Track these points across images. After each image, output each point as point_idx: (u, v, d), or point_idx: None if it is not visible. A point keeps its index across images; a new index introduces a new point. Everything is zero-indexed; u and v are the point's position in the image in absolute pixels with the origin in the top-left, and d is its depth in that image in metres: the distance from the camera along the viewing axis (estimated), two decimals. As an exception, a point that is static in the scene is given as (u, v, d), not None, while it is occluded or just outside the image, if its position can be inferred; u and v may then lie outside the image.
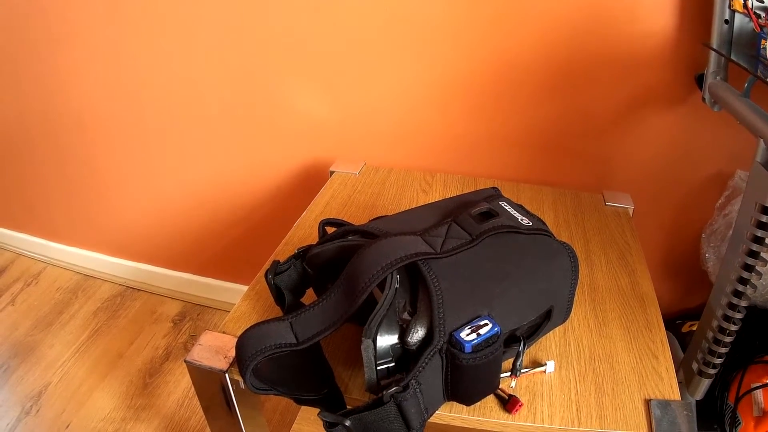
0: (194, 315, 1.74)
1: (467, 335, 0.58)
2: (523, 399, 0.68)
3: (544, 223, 0.73)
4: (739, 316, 0.82)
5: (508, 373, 0.69)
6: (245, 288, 0.87)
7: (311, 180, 1.39)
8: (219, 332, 0.78)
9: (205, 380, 0.75)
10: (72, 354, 1.60)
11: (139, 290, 1.85)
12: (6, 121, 1.68)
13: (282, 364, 0.65)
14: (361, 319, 0.60)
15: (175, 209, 1.62)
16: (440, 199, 0.81)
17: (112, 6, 1.30)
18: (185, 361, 0.74)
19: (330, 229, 0.75)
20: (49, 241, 1.94)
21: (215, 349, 0.75)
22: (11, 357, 1.59)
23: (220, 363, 0.73)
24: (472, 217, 0.70)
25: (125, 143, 1.54)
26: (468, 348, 0.57)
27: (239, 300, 0.84)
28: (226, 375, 0.72)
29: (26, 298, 1.83)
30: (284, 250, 0.96)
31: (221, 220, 1.58)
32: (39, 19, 1.41)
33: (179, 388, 1.48)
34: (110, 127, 1.52)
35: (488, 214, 0.71)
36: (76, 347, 1.62)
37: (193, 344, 0.76)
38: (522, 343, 0.67)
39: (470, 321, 0.59)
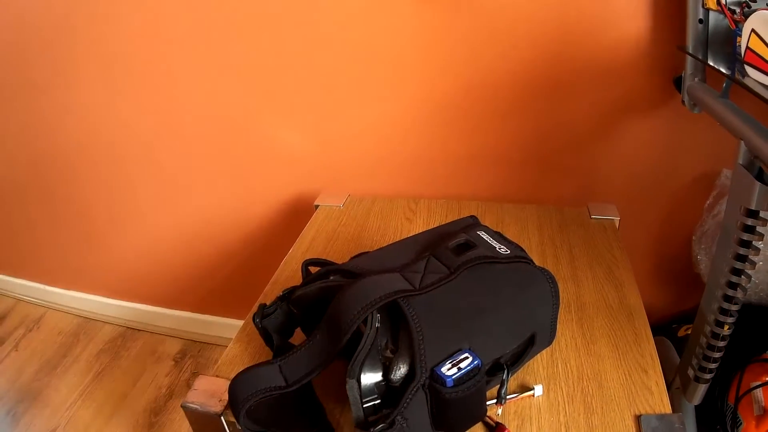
0: (195, 352, 1.75)
1: (448, 370, 0.58)
2: (512, 424, 0.68)
3: (522, 250, 0.74)
4: (730, 320, 0.81)
5: (495, 401, 0.69)
6: (241, 323, 0.89)
7: (297, 214, 1.40)
8: (213, 376, 0.78)
9: (203, 423, 0.76)
10: (77, 397, 1.61)
11: (140, 330, 1.86)
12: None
13: (274, 406, 0.66)
14: (348, 355, 0.61)
15: (168, 249, 1.63)
16: (424, 227, 0.81)
17: (98, 49, 1.32)
18: (182, 406, 0.75)
19: (314, 269, 0.76)
20: (48, 285, 1.96)
21: (210, 393, 0.76)
22: (18, 402, 1.61)
23: (216, 406, 0.74)
24: (450, 249, 0.71)
25: (114, 186, 1.55)
26: (450, 382, 0.58)
27: (231, 343, 0.85)
28: (222, 418, 0.73)
29: (29, 343, 1.84)
30: (273, 289, 0.97)
31: (213, 258, 1.59)
32: (24, 64, 1.42)
33: (185, 426, 1.48)
34: (96, 172, 1.54)
35: (466, 246, 0.72)
36: (81, 390, 1.63)
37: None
38: (506, 371, 0.68)
39: (451, 355, 0.60)
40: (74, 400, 1.60)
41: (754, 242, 0.75)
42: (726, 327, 0.82)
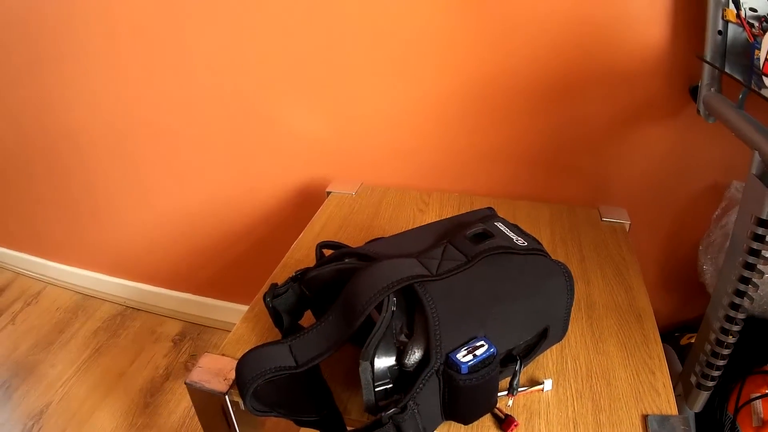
0: (194, 334, 1.74)
1: (463, 356, 0.58)
2: (521, 417, 0.68)
3: (539, 243, 0.74)
4: (736, 328, 0.82)
5: (506, 392, 0.69)
6: (244, 308, 0.88)
7: (308, 200, 1.40)
8: (218, 354, 0.78)
9: (206, 402, 0.75)
10: (73, 373, 1.60)
11: (139, 310, 1.86)
12: (2, 140, 1.69)
13: (281, 386, 0.65)
14: (359, 340, 0.61)
15: (173, 229, 1.62)
16: (436, 219, 0.81)
17: (110, 27, 1.31)
18: (186, 383, 0.75)
19: (327, 252, 0.76)
20: (48, 260, 1.95)
21: (215, 371, 0.75)
22: (12, 376, 1.60)
23: (220, 385, 0.73)
24: (467, 238, 0.70)
25: (122, 163, 1.55)
26: (464, 369, 0.57)
27: (238, 322, 0.84)
28: (226, 397, 0.73)
29: (26, 317, 1.84)
30: (282, 271, 0.96)
31: (219, 240, 1.59)
32: (35, 39, 1.42)
33: (180, 407, 1.48)
34: (108, 147, 1.54)
35: (483, 235, 0.72)
36: (77, 366, 1.63)
37: (193, 364, 0.77)
38: (518, 362, 0.68)
39: (466, 342, 0.60)
40: (69, 376, 1.59)
41: (763, 251, 0.76)
42: (731, 335, 0.83)
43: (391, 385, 0.61)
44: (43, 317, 1.84)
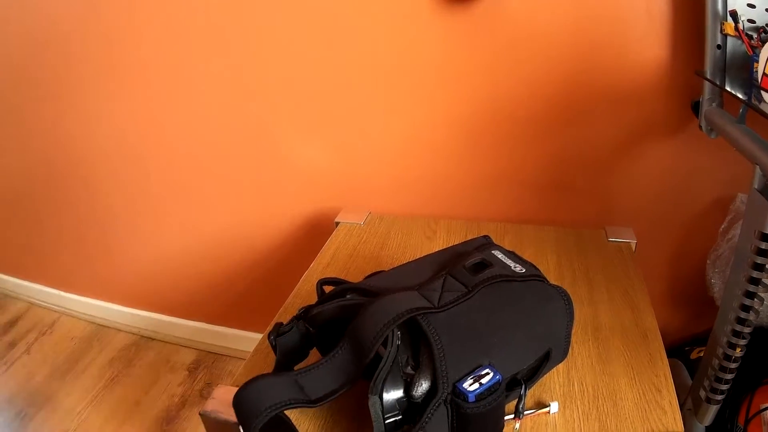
0: (209, 363, 1.75)
1: (470, 385, 0.59)
2: (528, 441, 0.69)
3: (536, 269, 0.75)
4: (743, 342, 0.82)
5: (512, 416, 0.70)
6: (257, 335, 0.89)
7: (318, 229, 1.41)
8: (232, 386, 0.79)
9: (220, 431, 0.76)
10: (89, 402, 1.61)
11: (154, 339, 1.87)
12: (13, 171, 1.72)
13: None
14: (366, 374, 0.62)
15: (183, 259, 1.64)
16: (444, 247, 0.82)
17: (118, 60, 1.34)
18: (200, 414, 0.76)
19: (328, 288, 0.76)
20: (62, 291, 1.97)
21: (228, 402, 0.76)
22: (28, 405, 1.61)
23: (234, 416, 0.74)
24: (466, 269, 0.72)
25: (133, 194, 1.57)
26: (471, 398, 0.59)
27: (250, 353, 0.86)
28: (240, 428, 0.74)
29: (41, 347, 1.85)
30: (293, 302, 0.98)
31: (231, 270, 1.60)
32: (44, 71, 1.45)
33: (196, 435, 1.49)
34: (118, 180, 1.56)
35: (482, 265, 0.73)
36: (93, 395, 1.64)
37: (209, 392, 0.78)
38: (523, 386, 0.69)
39: (472, 371, 0.61)
40: (85, 405, 1.60)
41: (767, 265, 0.76)
42: (738, 349, 0.83)
43: (400, 417, 0.62)
44: (58, 347, 1.85)
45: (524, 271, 0.73)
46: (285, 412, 0.63)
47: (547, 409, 0.73)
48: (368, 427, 0.65)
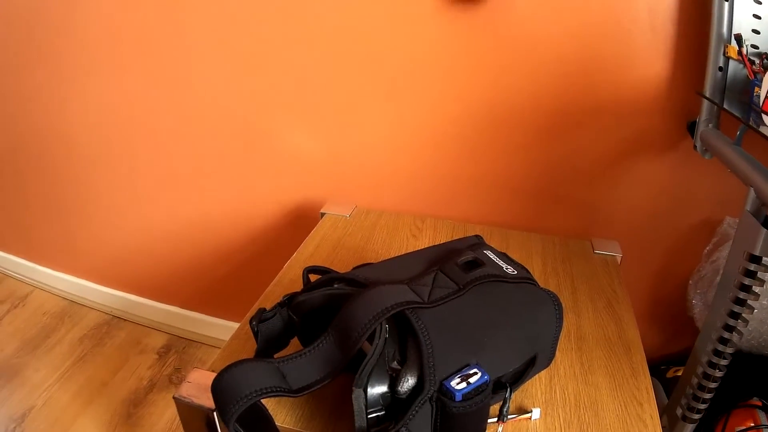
0: (180, 348, 1.73)
1: (457, 384, 0.58)
2: (509, 447, 0.68)
3: (528, 271, 0.75)
4: (724, 362, 0.83)
5: (495, 419, 0.70)
6: (231, 324, 0.88)
7: (302, 220, 1.40)
8: (208, 371, 0.78)
9: (193, 417, 0.75)
10: (57, 379, 1.59)
11: (125, 320, 1.85)
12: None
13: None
14: (350, 366, 0.61)
15: (163, 241, 1.62)
16: (429, 245, 0.81)
17: (111, 31, 1.32)
18: (174, 398, 0.75)
19: (313, 277, 0.75)
20: (37, 264, 1.94)
21: (204, 387, 0.75)
22: (-4, 378, 1.59)
23: (209, 401, 0.73)
24: (458, 266, 0.71)
25: (116, 170, 1.55)
26: (458, 397, 0.58)
27: (229, 338, 0.84)
28: (215, 413, 0.72)
29: (13, 320, 1.83)
30: (274, 290, 0.96)
31: (210, 255, 1.58)
32: (29, 39, 1.42)
33: (163, 419, 1.47)
34: (101, 153, 1.53)
35: (474, 263, 0.72)
36: (61, 373, 1.61)
37: (178, 377, 0.76)
38: (508, 389, 0.68)
39: (460, 370, 0.60)
40: (53, 382, 1.58)
41: (754, 287, 0.77)
42: (718, 369, 0.84)
43: (383, 412, 0.61)
44: (30, 321, 1.82)
45: (516, 272, 0.72)
46: (262, 401, 0.62)
47: (528, 415, 0.72)
48: (347, 421, 0.64)
